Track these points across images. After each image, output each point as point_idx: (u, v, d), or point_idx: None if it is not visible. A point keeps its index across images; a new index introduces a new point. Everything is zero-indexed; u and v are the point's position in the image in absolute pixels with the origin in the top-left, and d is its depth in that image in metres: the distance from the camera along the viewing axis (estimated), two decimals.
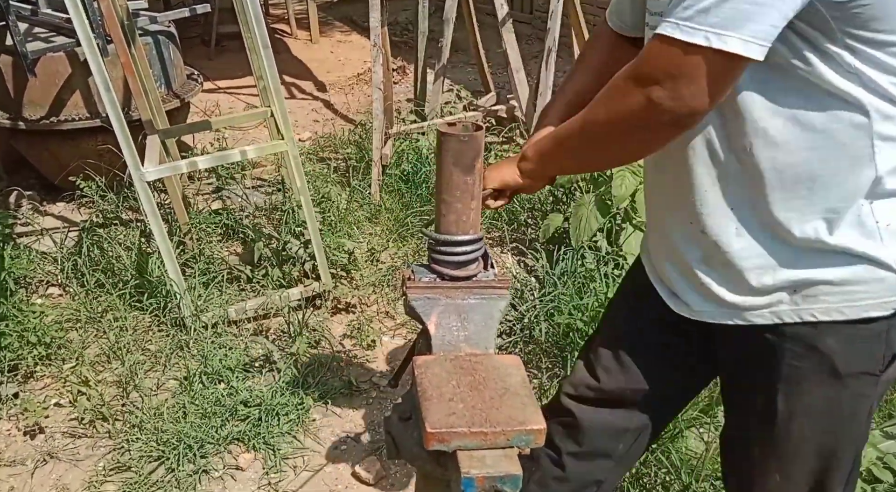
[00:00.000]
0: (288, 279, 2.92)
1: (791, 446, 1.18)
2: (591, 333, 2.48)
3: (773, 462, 1.21)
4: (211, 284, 2.85)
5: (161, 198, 3.47)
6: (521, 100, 3.81)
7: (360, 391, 2.51)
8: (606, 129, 1.01)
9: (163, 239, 2.49)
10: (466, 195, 1.07)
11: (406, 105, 4.93)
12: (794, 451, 1.19)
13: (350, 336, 2.74)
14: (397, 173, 3.70)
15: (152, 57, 3.48)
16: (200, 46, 6.52)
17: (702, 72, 0.88)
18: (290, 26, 7.13)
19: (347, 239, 3.11)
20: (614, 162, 1.13)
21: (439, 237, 1.09)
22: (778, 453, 1.20)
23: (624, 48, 1.30)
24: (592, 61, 1.35)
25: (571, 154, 1.13)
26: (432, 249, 1.11)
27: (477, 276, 1.13)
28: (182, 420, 2.29)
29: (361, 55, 6.57)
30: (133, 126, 2.60)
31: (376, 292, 3.00)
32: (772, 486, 1.23)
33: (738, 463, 1.30)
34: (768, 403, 1.16)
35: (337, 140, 4.38)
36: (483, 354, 1.04)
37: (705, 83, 0.88)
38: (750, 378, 1.19)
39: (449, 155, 1.04)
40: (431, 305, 1.09)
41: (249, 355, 2.59)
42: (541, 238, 3.17)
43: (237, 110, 5.21)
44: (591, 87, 1.18)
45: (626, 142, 1.02)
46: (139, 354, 2.60)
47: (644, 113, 0.93)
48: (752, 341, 1.15)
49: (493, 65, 4.94)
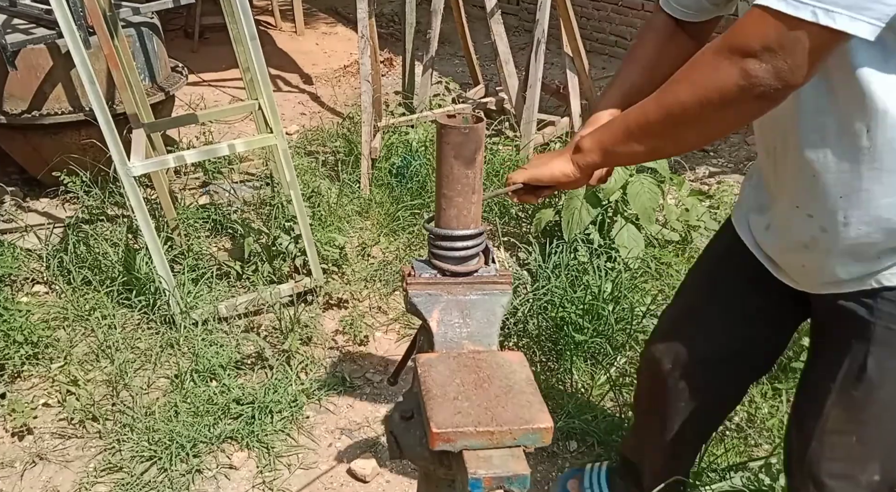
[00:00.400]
0: (278, 275, 2.89)
1: (875, 409, 1.20)
2: (584, 324, 2.49)
3: (853, 425, 1.23)
4: (200, 281, 2.81)
5: (147, 193, 3.41)
6: (511, 92, 3.78)
7: (353, 387, 2.48)
8: (691, 107, 0.97)
9: (151, 235, 2.45)
10: (467, 189, 1.05)
11: (394, 98, 4.89)
12: (877, 415, 1.21)
13: (342, 332, 2.72)
14: (387, 167, 3.67)
15: (136, 49, 3.42)
16: (183, 39, 6.42)
17: (803, 47, 0.85)
18: (275, 18, 7.04)
19: (338, 234, 3.08)
20: (692, 144, 1.09)
21: (440, 232, 1.07)
22: (860, 416, 1.22)
23: (679, 39, 1.33)
24: (646, 53, 1.35)
25: (645, 139, 1.07)
26: (432, 245, 1.09)
27: (478, 271, 1.10)
28: (174, 419, 2.26)
29: (347, 47, 6.51)
30: (117, 120, 2.54)
31: (368, 287, 2.98)
32: (847, 449, 1.25)
33: (814, 424, 1.28)
34: (859, 364, 1.18)
35: (325, 133, 4.34)
36: (486, 351, 1.03)
37: (805, 59, 0.86)
38: (842, 339, 1.21)
39: (449, 148, 1.02)
40: (433, 301, 1.07)
41: (241, 353, 2.56)
42: (533, 231, 3.16)
43: (222, 103, 5.15)
44: (646, 80, 1.25)
45: (710, 120, 0.98)
46: (128, 352, 2.56)
47: (736, 87, 0.90)
48: (849, 304, 1.18)
49: (480, 56, 4.91)
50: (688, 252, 3.16)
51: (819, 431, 1.26)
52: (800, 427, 1.32)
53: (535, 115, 3.70)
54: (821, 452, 1.27)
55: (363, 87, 3.61)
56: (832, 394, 1.23)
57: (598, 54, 5.79)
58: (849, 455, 1.26)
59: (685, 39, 1.34)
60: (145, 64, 3.50)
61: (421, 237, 3.24)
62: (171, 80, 3.72)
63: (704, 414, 1.58)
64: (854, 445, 1.24)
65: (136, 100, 2.89)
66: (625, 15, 5.69)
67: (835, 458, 1.27)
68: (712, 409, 1.60)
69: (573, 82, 3.95)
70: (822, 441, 1.27)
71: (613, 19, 5.80)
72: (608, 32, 5.90)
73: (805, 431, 1.30)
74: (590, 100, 4.12)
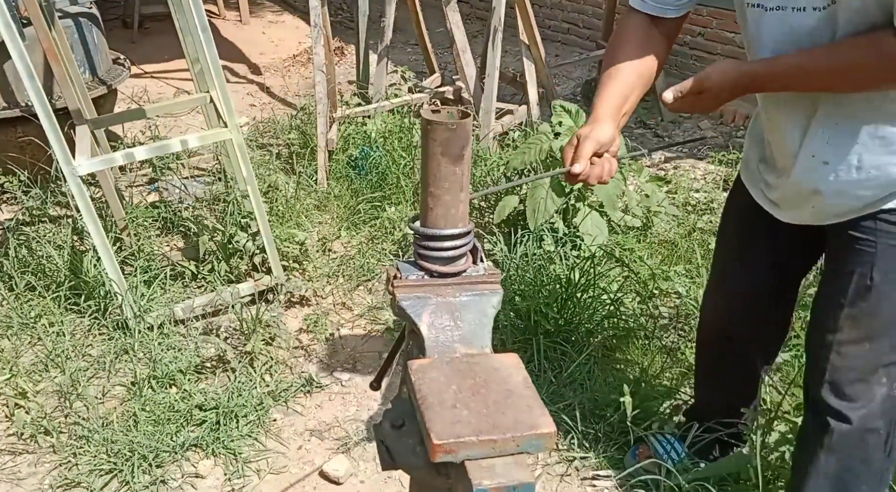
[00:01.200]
0: (236, 274, 2.79)
1: (883, 319, 1.41)
2: (553, 314, 2.48)
3: (864, 334, 1.42)
4: (153, 283, 2.69)
5: (92, 191, 3.25)
6: (469, 81, 3.74)
7: (321, 387, 2.42)
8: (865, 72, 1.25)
9: (100, 237, 2.32)
10: (455, 186, 1.00)
11: (347, 87, 4.79)
12: (887, 322, 1.41)
13: (307, 330, 2.64)
14: (344, 159, 3.59)
15: (74, 41, 3.25)
16: (122, 29, 6.17)
17: None
18: (218, 6, 6.82)
19: (297, 229, 2.99)
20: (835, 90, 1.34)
21: (427, 232, 1.02)
22: (871, 325, 1.41)
23: (654, 38, 1.46)
24: (632, 54, 1.45)
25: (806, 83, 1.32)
26: (419, 245, 1.04)
27: (467, 271, 1.06)
28: (133, 429, 2.16)
29: (295, 36, 6.36)
30: (57, 115, 2.40)
31: (331, 283, 2.91)
32: (861, 358, 1.44)
33: (831, 337, 1.46)
34: (866, 279, 1.38)
35: (277, 125, 4.22)
36: (480, 354, 0.99)
37: None
38: (850, 260, 1.41)
39: (436, 145, 0.96)
40: (422, 304, 1.02)
41: (201, 356, 2.46)
42: (495, 220, 3.13)
43: (167, 96, 4.96)
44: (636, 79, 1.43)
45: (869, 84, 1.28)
46: (80, 360, 2.44)
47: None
48: (853, 231, 1.39)
49: (434, 44, 4.85)
50: (649, 237, 3.18)
51: (836, 342, 1.44)
52: (818, 342, 1.49)
53: (493, 105, 3.67)
54: (838, 361, 1.45)
55: (317, 77, 3.51)
56: (844, 308, 1.42)
57: (551, 41, 5.79)
58: (863, 363, 1.44)
59: (659, 37, 1.48)
60: (85, 57, 3.33)
61: (383, 230, 3.18)
62: (113, 73, 3.55)
63: (761, 346, 1.84)
64: (867, 353, 1.43)
65: (78, 95, 2.73)
66: (577, 2, 5.70)
67: (851, 367, 1.44)
68: (767, 339, 1.85)
69: (530, 70, 3.93)
70: (840, 352, 1.44)
71: (566, 6, 5.80)
72: (560, 20, 5.90)
73: (824, 344, 1.47)
74: (547, 88, 4.11)
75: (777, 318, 1.81)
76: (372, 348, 2.60)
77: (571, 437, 2.15)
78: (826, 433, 1.49)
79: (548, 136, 3.01)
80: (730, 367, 1.88)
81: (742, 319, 1.78)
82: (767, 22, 1.35)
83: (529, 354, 2.45)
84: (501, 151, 3.72)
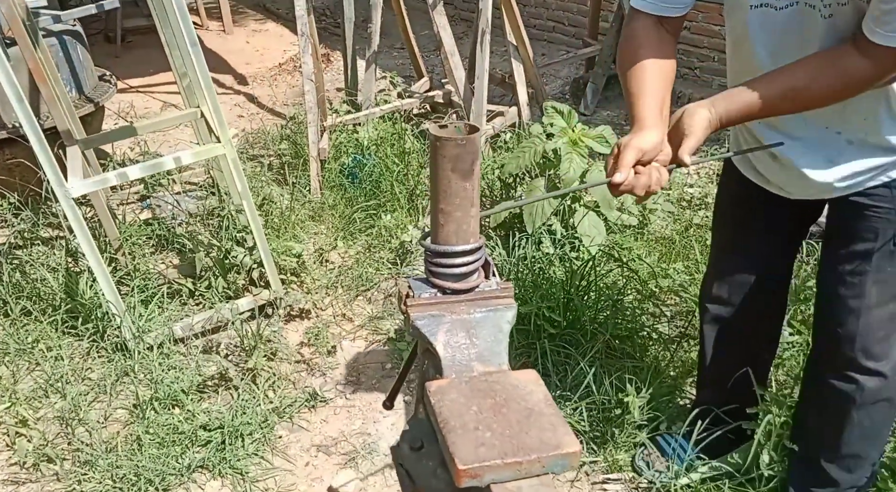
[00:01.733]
0: (234, 289, 2.76)
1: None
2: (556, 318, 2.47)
3: (890, 294, 1.50)
4: (151, 302, 2.66)
5: (84, 211, 3.21)
6: (458, 84, 3.72)
7: (325, 401, 2.39)
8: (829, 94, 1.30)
9: (95, 259, 2.29)
10: (466, 202, 0.98)
11: (336, 94, 4.76)
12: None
13: (308, 344, 2.62)
14: (337, 167, 3.56)
15: (59, 59, 3.21)
16: (104, 43, 6.12)
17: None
18: (200, 17, 6.77)
19: (293, 241, 2.97)
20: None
21: (439, 249, 1.01)
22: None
23: (664, 37, 1.45)
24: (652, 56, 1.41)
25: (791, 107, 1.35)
26: (431, 262, 1.03)
27: (479, 286, 1.05)
28: (138, 452, 2.13)
29: (280, 44, 6.33)
30: (45, 135, 2.36)
31: (330, 294, 2.89)
32: (886, 315, 1.51)
33: (858, 304, 1.52)
34: (890, 243, 1.45)
35: (267, 136, 4.19)
36: (498, 372, 0.97)
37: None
38: (868, 228, 1.46)
39: (446, 161, 0.95)
40: (436, 323, 1.00)
41: (202, 375, 2.44)
42: (491, 224, 3.11)
43: (153, 110, 4.92)
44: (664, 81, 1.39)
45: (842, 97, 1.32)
46: (80, 384, 2.40)
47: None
48: (864, 198, 1.46)
49: (420, 47, 4.82)
50: (646, 235, 3.18)
51: (864, 307, 1.50)
52: (843, 309, 1.54)
53: (484, 107, 3.65)
54: (867, 324, 1.51)
55: (306, 86, 3.49)
56: (870, 274, 1.48)
57: (536, 40, 5.78)
58: (888, 322, 1.52)
59: (668, 37, 1.47)
60: (71, 75, 3.29)
61: (380, 238, 3.16)
62: (100, 90, 3.51)
63: (763, 326, 1.90)
64: (892, 313, 1.51)
65: (67, 114, 2.70)
66: (561, 0, 5.69)
67: (879, 327, 1.52)
68: (768, 317, 1.90)
69: (519, 71, 3.92)
70: (869, 316, 1.51)
71: (550, 4, 5.80)
72: (546, 18, 5.90)
73: (850, 310, 1.52)
74: (536, 88, 4.10)
75: (777, 293, 1.86)
76: (375, 360, 2.58)
77: (581, 441, 2.14)
78: (860, 391, 1.58)
79: (541, 138, 3.00)
80: (734, 350, 1.91)
81: (743, 297, 1.82)
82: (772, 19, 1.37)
83: (534, 359, 2.43)
84: (494, 154, 3.70)
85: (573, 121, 2.97)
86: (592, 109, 4.59)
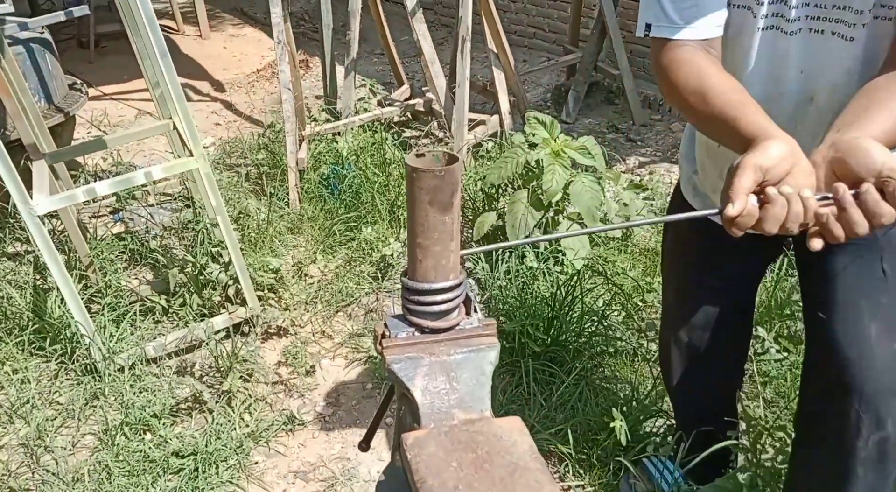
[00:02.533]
0: (209, 306, 2.68)
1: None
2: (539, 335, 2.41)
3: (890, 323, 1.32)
4: (123, 320, 2.57)
5: (54, 224, 3.11)
6: (439, 93, 3.66)
7: (303, 424, 2.32)
8: None
9: (63, 279, 2.20)
10: (445, 236, 0.92)
11: (314, 102, 4.69)
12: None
13: (286, 364, 2.54)
14: (316, 178, 3.49)
15: (27, 68, 3.11)
16: (77, 49, 5.98)
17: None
18: (176, 21, 6.66)
19: (271, 256, 2.89)
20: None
21: (416, 286, 0.94)
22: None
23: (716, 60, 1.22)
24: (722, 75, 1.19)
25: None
26: (408, 299, 0.96)
27: (460, 324, 0.98)
28: (106, 482, 2.04)
29: (258, 49, 6.23)
30: (9, 148, 2.27)
31: (309, 311, 2.81)
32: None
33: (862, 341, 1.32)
34: (878, 273, 1.30)
35: (245, 145, 4.10)
36: (480, 419, 0.91)
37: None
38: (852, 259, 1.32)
39: (423, 193, 0.89)
40: (414, 366, 0.94)
41: (175, 397, 2.35)
42: (474, 237, 3.06)
43: (128, 119, 4.81)
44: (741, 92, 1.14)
45: None
46: (47, 409, 2.31)
47: None
48: None
49: (400, 53, 4.76)
50: (630, 247, 3.14)
51: (868, 346, 1.31)
52: (851, 350, 1.33)
53: (465, 116, 3.60)
54: (883, 361, 1.31)
55: (284, 95, 3.41)
56: (866, 311, 1.31)
57: (517, 47, 5.74)
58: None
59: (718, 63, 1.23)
60: (39, 84, 3.19)
61: (360, 252, 3.09)
62: (70, 99, 3.41)
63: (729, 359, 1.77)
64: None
65: (34, 127, 2.60)
66: (541, 6, 5.66)
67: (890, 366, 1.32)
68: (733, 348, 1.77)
69: (500, 79, 3.87)
70: (874, 352, 1.30)
71: (531, 11, 5.76)
72: (526, 24, 5.86)
73: (858, 350, 1.32)
74: (517, 96, 4.05)
75: (744, 317, 1.74)
76: (355, 380, 2.51)
77: (566, 464, 2.09)
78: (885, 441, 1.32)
79: (523, 148, 2.94)
80: (699, 383, 1.80)
81: (704, 334, 1.69)
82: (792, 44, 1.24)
83: (518, 378, 2.38)
84: (476, 164, 3.65)
85: (555, 131, 2.93)
86: (574, 117, 4.56)
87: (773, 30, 1.24)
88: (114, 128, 4.60)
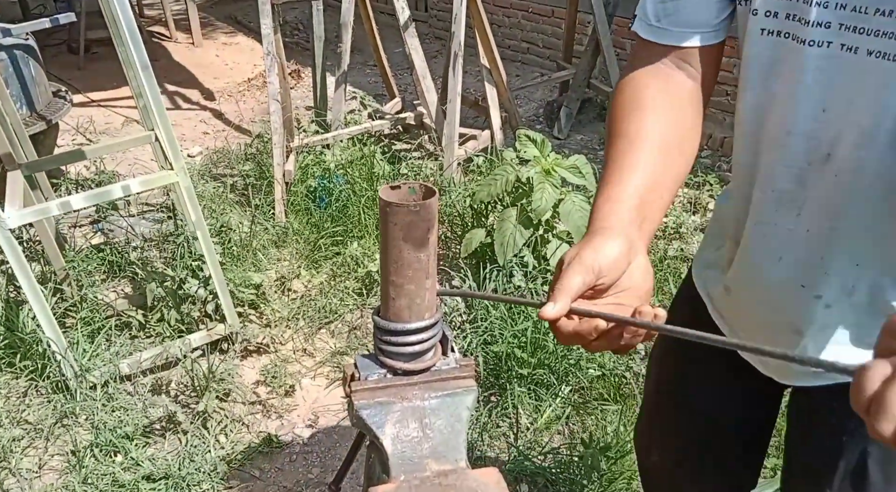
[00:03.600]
0: (187, 322, 2.61)
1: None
2: (527, 358, 2.36)
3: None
4: (98, 336, 2.49)
5: (31, 233, 3.03)
6: (430, 107, 3.62)
7: (281, 447, 2.25)
8: None
9: (34, 294, 2.13)
10: (420, 274, 0.86)
11: (305, 113, 4.63)
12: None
13: (265, 383, 2.47)
14: (303, 190, 3.43)
15: (9, 75, 3.04)
16: (67, 54, 5.92)
17: None
18: (169, 28, 6.61)
19: (253, 271, 2.82)
20: None
21: (389, 326, 0.88)
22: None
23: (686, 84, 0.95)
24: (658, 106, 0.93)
25: None
26: (380, 339, 0.90)
27: (435, 365, 0.93)
28: None
29: (250, 58, 6.18)
30: None
31: (290, 327, 2.74)
32: None
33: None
34: (858, 469, 0.97)
35: (232, 155, 4.04)
36: (454, 471, 0.85)
37: None
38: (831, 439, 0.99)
39: (397, 229, 0.83)
40: (384, 412, 0.88)
41: (149, 417, 2.28)
42: (462, 253, 3.00)
43: (114, 126, 4.74)
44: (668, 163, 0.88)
45: None
46: (14, 428, 2.23)
47: None
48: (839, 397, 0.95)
49: (392, 65, 4.72)
50: None
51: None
52: None
53: (456, 131, 3.55)
54: None
55: (272, 106, 3.36)
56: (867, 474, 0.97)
57: (510, 61, 5.72)
58: None
59: (689, 84, 0.95)
60: (21, 91, 3.12)
61: (346, 267, 3.02)
62: (54, 106, 3.34)
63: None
64: None
65: (12, 136, 2.53)
66: (536, 21, 5.64)
67: None
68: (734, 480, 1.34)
69: (492, 94, 3.83)
70: None
71: (524, 26, 5.74)
72: (520, 39, 5.83)
73: None
74: (509, 111, 4.01)
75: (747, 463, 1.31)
76: (335, 400, 2.44)
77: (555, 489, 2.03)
78: None
79: (513, 165, 2.90)
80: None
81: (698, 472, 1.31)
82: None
83: (504, 400, 2.32)
84: (466, 179, 3.60)
85: (546, 149, 2.88)
86: (566, 134, 4.52)
87: (780, 36, 0.84)
88: (99, 135, 4.53)
